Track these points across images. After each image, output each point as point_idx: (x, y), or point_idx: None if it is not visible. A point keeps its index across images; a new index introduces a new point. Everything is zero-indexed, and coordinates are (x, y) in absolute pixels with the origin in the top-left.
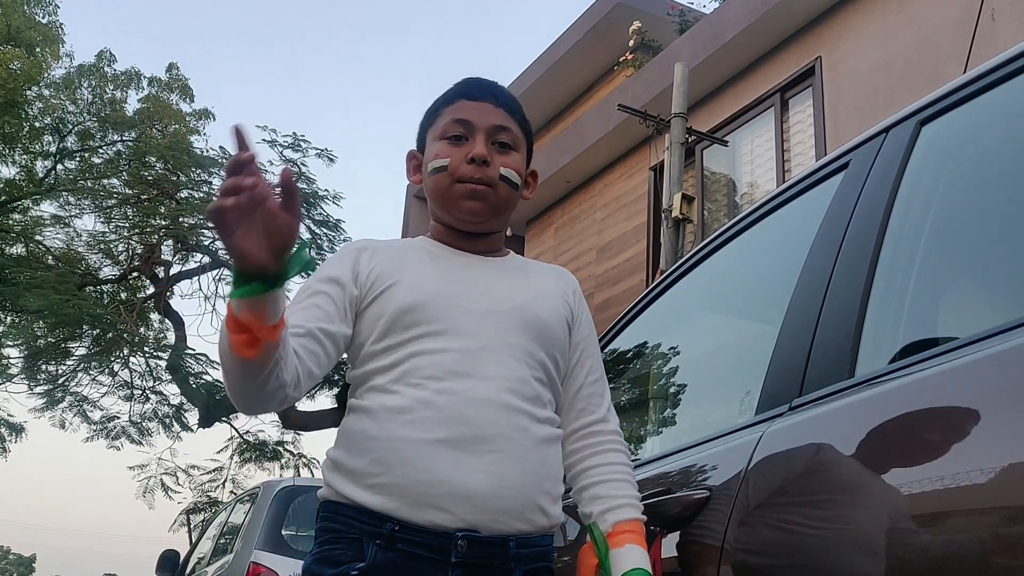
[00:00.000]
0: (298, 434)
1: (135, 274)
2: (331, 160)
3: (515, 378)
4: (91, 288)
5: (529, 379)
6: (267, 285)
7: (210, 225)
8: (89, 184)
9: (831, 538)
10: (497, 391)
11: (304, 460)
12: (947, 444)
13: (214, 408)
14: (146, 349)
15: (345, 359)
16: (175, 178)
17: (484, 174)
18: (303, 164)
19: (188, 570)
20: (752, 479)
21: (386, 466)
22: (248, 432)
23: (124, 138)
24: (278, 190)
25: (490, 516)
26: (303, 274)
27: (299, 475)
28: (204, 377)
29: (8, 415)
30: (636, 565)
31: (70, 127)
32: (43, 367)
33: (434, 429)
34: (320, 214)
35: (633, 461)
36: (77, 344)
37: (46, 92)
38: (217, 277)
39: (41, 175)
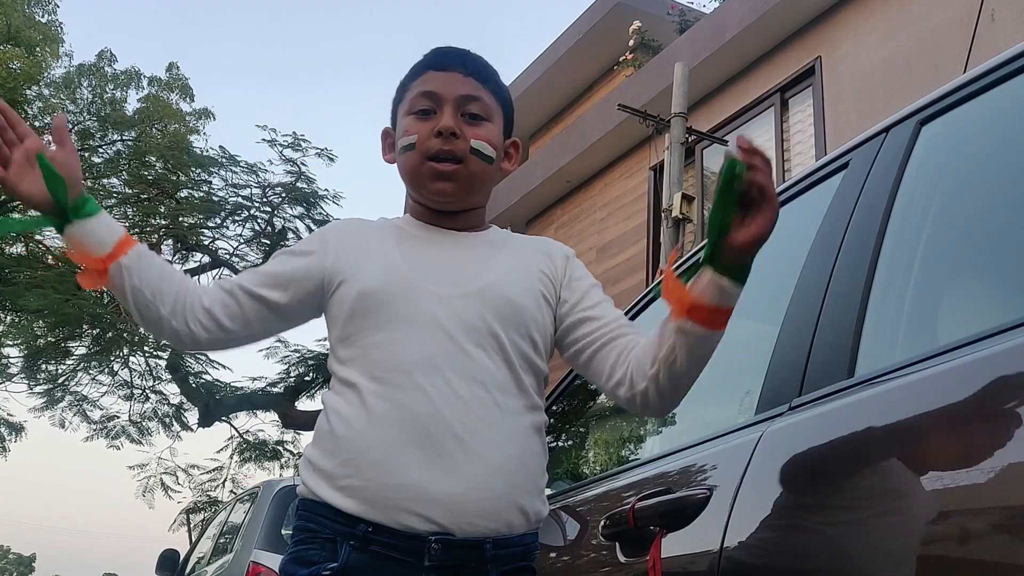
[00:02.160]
0: (298, 433)
1: None
2: (331, 159)
3: (483, 368)
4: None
5: (500, 366)
6: (62, 220)
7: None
8: (89, 184)
9: (831, 537)
10: (465, 384)
11: None
12: (947, 444)
13: (214, 408)
14: (146, 348)
15: None
16: (175, 178)
17: (453, 147)
18: (303, 163)
19: (188, 570)
20: (752, 479)
21: (355, 468)
22: (248, 432)
23: (124, 138)
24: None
25: (464, 519)
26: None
27: (299, 475)
28: (204, 377)
29: (8, 415)
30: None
31: (70, 126)
32: (43, 367)
33: (402, 429)
34: (320, 214)
35: (633, 461)
36: (77, 343)
37: (46, 92)
38: (217, 277)
39: None
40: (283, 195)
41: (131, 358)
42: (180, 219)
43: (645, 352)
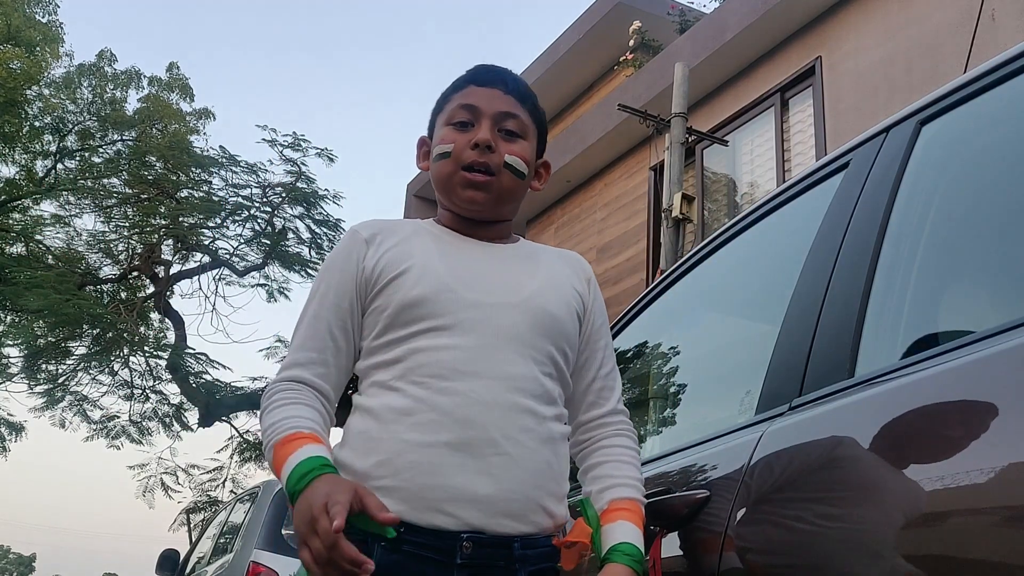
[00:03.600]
0: None
1: (135, 274)
2: (331, 160)
3: (521, 376)
4: (91, 288)
5: (537, 376)
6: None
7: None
8: (89, 184)
9: (831, 537)
10: (503, 391)
11: None
12: (947, 443)
13: (214, 407)
14: (146, 349)
15: None
16: (175, 177)
17: (488, 160)
18: (303, 163)
19: (188, 570)
20: (752, 479)
21: (391, 469)
22: (248, 432)
23: (124, 138)
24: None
25: (495, 519)
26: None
27: None
28: (204, 377)
29: (8, 415)
30: (625, 539)
31: (70, 126)
32: (43, 366)
33: (439, 432)
34: (320, 214)
35: None
36: (77, 343)
37: (46, 91)
38: (217, 276)
39: (41, 174)
40: (283, 195)
41: (131, 358)
42: (180, 219)
43: (584, 454)
